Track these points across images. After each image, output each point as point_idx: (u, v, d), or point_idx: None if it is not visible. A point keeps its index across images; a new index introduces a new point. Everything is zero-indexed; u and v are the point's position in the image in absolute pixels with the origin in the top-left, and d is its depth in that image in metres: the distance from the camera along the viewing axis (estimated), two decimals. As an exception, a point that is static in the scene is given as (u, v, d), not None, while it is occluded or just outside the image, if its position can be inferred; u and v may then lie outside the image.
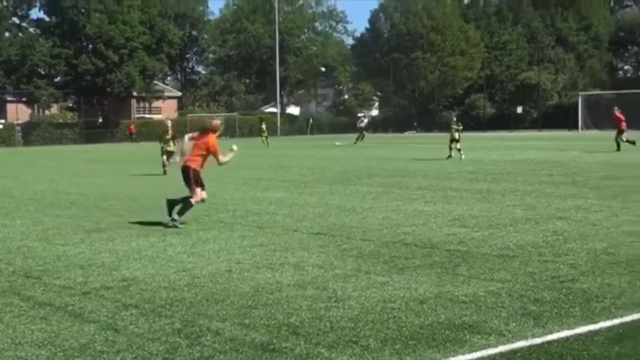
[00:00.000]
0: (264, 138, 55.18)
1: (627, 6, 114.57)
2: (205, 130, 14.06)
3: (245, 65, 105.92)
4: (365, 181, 22.41)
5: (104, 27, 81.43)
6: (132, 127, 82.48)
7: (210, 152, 13.79)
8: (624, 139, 35.64)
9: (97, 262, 10.38)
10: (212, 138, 13.87)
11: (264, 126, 57.41)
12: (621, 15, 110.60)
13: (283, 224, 13.73)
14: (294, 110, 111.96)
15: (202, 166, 13.93)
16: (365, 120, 59.76)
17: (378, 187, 20.25)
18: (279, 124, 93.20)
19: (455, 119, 34.20)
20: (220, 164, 14.08)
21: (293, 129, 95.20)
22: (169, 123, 29.73)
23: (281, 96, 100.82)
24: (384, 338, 6.48)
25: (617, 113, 36.95)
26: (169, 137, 28.34)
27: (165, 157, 27.93)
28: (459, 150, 32.15)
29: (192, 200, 13.81)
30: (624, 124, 36.35)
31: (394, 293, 8.07)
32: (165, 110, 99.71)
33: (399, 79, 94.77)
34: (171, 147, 27.90)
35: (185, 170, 13.90)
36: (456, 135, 32.74)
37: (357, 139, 56.23)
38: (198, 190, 13.81)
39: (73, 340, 6.70)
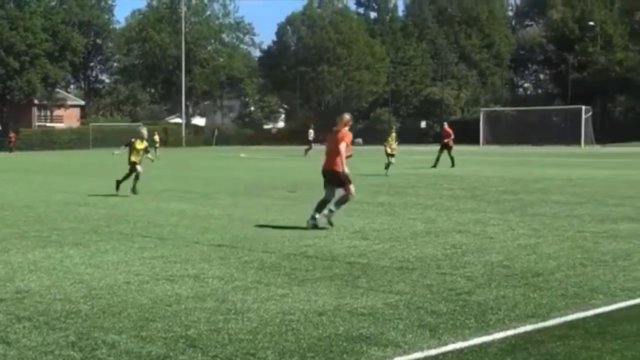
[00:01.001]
0: (154, 149, 51.91)
1: (527, 26, 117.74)
2: (334, 130, 14.61)
3: (151, 74, 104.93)
4: (270, 193, 22.41)
5: (4, 33, 79.67)
6: (12, 135, 78.91)
7: (340, 147, 14.33)
8: (450, 154, 36.41)
9: (-9, 274, 10.08)
10: (344, 133, 14.45)
11: (157, 137, 55.92)
12: (522, 34, 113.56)
13: (184, 235, 13.61)
14: (199, 121, 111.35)
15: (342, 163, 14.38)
16: (312, 133, 59.72)
17: (282, 199, 20.27)
18: (184, 134, 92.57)
19: (394, 133, 33.10)
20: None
21: (198, 139, 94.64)
22: (145, 131, 24.20)
23: (187, 107, 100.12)
24: (282, 350, 6.47)
25: (447, 128, 37.34)
26: (141, 147, 23.16)
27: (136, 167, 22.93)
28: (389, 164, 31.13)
29: (350, 196, 14.55)
30: (451, 141, 37.03)
31: (294, 305, 8.08)
32: (68, 119, 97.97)
33: (305, 92, 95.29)
34: (135, 157, 23.09)
35: (335, 174, 14.43)
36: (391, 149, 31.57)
37: (308, 149, 55.89)
38: (351, 186, 14.45)
39: (-38, 354, 6.50)
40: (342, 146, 14.28)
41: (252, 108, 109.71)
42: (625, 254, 11.09)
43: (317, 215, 14.33)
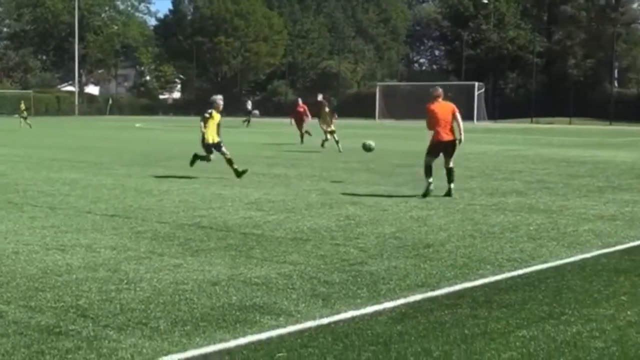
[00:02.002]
0: (22, 119, 49.28)
1: (423, 2, 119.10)
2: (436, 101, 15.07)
3: (42, 41, 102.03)
4: (164, 163, 22.18)
5: None
6: None
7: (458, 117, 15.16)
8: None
9: None
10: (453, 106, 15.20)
11: (23, 106, 51.59)
12: (418, 10, 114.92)
13: (76, 205, 13.37)
14: (93, 89, 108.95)
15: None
16: (249, 102, 58.81)
17: (177, 170, 20.08)
18: (76, 103, 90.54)
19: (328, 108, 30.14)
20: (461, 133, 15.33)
21: (92, 109, 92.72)
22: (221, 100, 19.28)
23: (80, 75, 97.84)
24: (175, 320, 6.46)
25: (302, 103, 34.50)
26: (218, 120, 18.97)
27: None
28: (328, 139, 29.05)
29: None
30: (304, 116, 33.78)
31: (187, 275, 8.06)
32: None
33: (202, 63, 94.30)
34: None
35: (454, 144, 15.14)
36: (328, 125, 29.06)
37: (245, 121, 56.38)
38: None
39: None
40: (459, 116, 15.15)
41: (148, 77, 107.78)
42: (513, 226, 11.43)
43: (431, 179, 14.84)
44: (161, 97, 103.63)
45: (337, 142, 28.13)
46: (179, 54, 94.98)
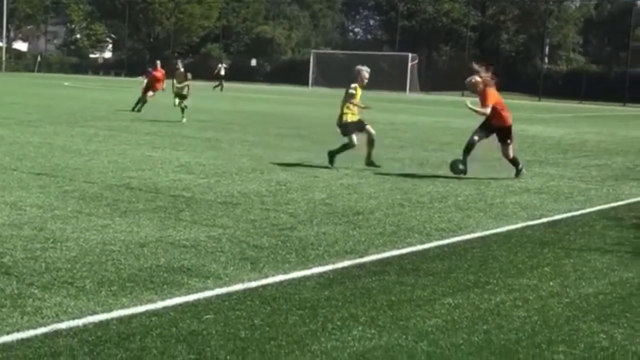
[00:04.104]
0: None
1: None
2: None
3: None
4: (93, 123, 21.84)
5: None
6: None
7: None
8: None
9: None
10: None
11: None
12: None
13: (1, 162, 13.09)
14: (21, 46, 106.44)
15: None
16: (222, 67, 57.71)
17: (106, 130, 19.80)
18: (4, 59, 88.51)
19: (181, 67, 26.06)
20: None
21: (20, 65, 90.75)
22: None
23: (8, 30, 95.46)
24: (101, 280, 6.39)
25: (160, 68, 30.25)
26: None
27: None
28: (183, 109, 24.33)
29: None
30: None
31: (115, 236, 7.97)
32: None
33: (134, 23, 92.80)
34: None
35: (508, 128, 14.45)
36: (185, 89, 24.94)
37: (217, 86, 55.32)
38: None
39: None
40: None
41: (78, 36, 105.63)
42: (442, 196, 11.56)
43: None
44: (92, 56, 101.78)
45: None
46: (111, 12, 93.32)
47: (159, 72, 29.94)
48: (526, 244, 8.60)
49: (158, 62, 31.16)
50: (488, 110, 14.12)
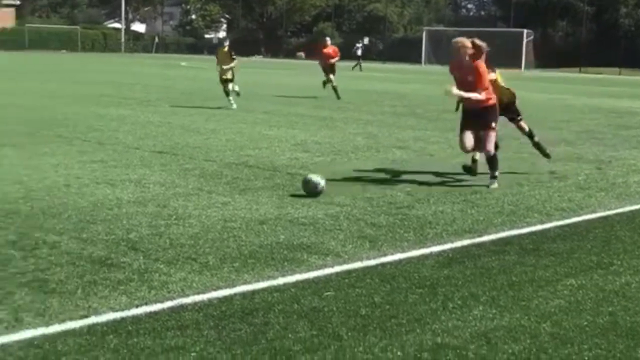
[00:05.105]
0: None
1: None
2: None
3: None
4: (210, 103, 22.21)
5: None
6: None
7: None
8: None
9: None
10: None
11: None
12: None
13: (125, 141, 13.49)
14: (139, 27, 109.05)
15: None
16: (360, 47, 57.44)
17: (222, 109, 20.12)
18: (123, 40, 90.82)
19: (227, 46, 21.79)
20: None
21: (138, 46, 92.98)
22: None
23: (126, 12, 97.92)
24: (223, 256, 6.53)
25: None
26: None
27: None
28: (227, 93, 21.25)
29: None
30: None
31: (235, 213, 8.12)
32: (2, 19, 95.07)
33: (248, 3, 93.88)
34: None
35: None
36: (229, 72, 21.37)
37: (355, 66, 55.23)
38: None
39: None
40: None
41: (193, 16, 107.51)
42: (561, 175, 11.33)
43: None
44: (206, 36, 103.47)
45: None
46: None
47: (330, 49, 26.52)
48: (651, 224, 8.35)
49: (327, 38, 27.60)
50: (483, 96, 10.21)
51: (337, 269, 6.28)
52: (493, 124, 10.31)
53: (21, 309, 5.13)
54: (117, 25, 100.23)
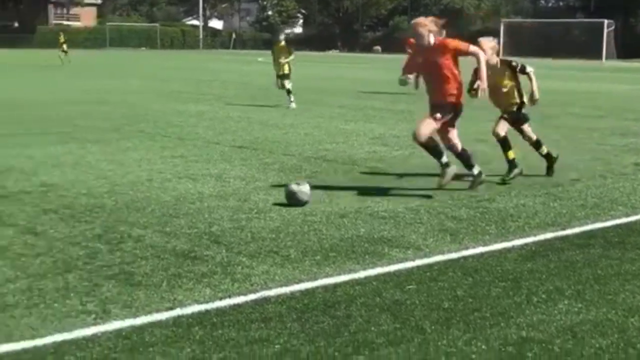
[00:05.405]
0: (61, 53, 44.14)
1: None
2: None
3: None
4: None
5: None
6: None
7: None
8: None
9: (15, 167, 10.20)
10: None
11: (62, 38, 45.29)
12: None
13: (204, 136, 13.66)
14: (216, 24, 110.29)
15: None
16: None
17: (300, 103, 20.18)
18: (200, 37, 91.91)
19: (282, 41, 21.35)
20: None
21: (216, 43, 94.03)
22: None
23: (204, 9, 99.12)
24: (305, 249, 6.56)
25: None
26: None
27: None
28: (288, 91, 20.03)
29: None
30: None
31: (315, 207, 8.14)
32: (84, 18, 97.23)
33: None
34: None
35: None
36: (285, 67, 20.40)
37: None
38: None
39: (-9, 242, 6.61)
40: None
41: (270, 12, 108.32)
42: (646, 167, 11.08)
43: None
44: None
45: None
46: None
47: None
48: None
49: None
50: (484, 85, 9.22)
51: (419, 262, 6.26)
52: (438, 115, 9.12)
53: (109, 300, 5.24)
54: (195, 22, 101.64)
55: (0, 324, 4.81)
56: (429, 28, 9.09)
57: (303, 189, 8.24)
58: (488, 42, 9.83)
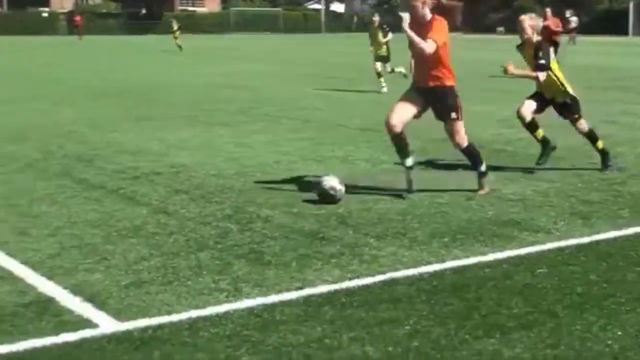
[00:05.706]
0: (175, 39, 43.68)
1: None
2: None
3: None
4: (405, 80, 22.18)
5: None
6: (77, 17, 71.99)
7: None
8: None
9: (146, 149, 10.52)
10: None
11: (175, 26, 44.58)
12: None
13: (330, 119, 13.74)
14: (338, 7, 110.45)
15: None
16: (575, 20, 47.96)
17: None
18: (323, 20, 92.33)
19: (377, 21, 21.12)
20: None
21: (337, 26, 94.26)
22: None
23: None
24: (432, 231, 6.53)
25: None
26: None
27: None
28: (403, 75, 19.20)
29: None
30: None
31: (442, 189, 8.09)
32: (209, 4, 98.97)
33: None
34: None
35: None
36: (383, 48, 20.28)
37: (570, 40, 44.29)
38: None
39: (126, 221, 6.84)
40: None
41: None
42: None
43: None
44: (402, 13, 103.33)
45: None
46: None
47: (551, 21, 23.78)
48: None
49: (548, 9, 24.50)
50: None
51: (549, 245, 6.15)
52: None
53: (240, 279, 5.35)
54: (317, 6, 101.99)
55: (137, 300, 4.98)
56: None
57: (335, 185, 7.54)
58: (529, 20, 9.39)
